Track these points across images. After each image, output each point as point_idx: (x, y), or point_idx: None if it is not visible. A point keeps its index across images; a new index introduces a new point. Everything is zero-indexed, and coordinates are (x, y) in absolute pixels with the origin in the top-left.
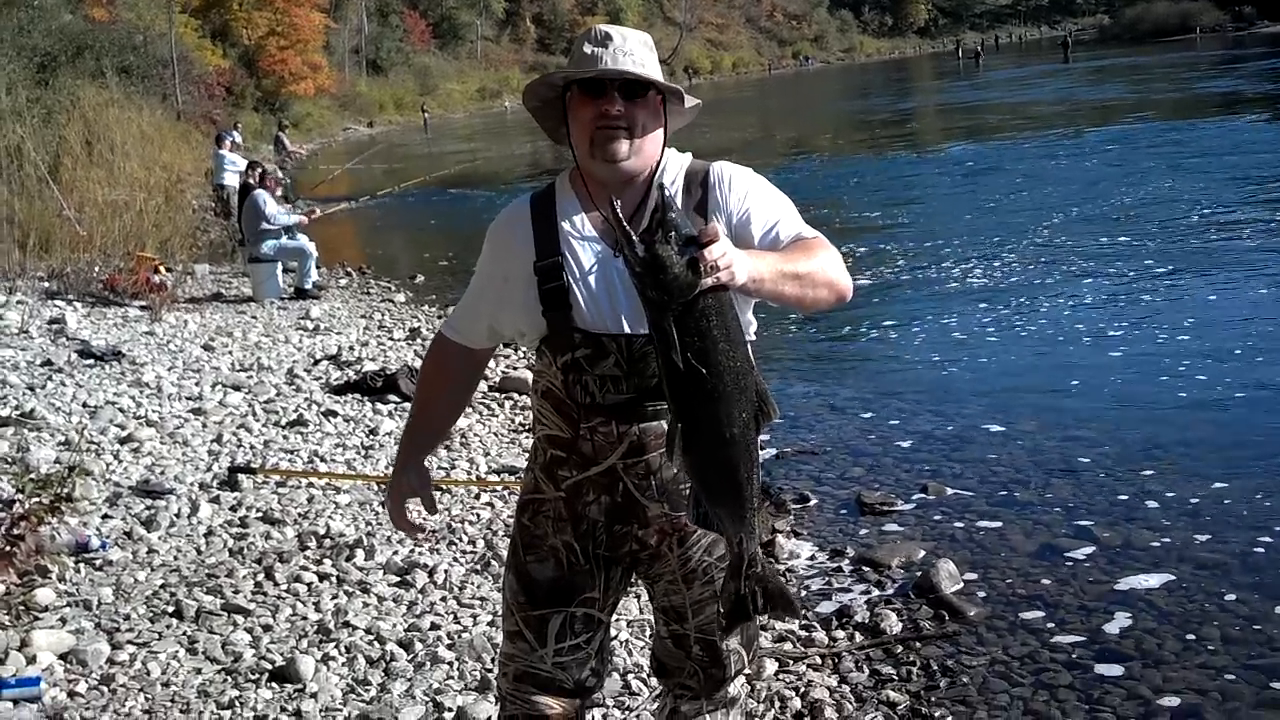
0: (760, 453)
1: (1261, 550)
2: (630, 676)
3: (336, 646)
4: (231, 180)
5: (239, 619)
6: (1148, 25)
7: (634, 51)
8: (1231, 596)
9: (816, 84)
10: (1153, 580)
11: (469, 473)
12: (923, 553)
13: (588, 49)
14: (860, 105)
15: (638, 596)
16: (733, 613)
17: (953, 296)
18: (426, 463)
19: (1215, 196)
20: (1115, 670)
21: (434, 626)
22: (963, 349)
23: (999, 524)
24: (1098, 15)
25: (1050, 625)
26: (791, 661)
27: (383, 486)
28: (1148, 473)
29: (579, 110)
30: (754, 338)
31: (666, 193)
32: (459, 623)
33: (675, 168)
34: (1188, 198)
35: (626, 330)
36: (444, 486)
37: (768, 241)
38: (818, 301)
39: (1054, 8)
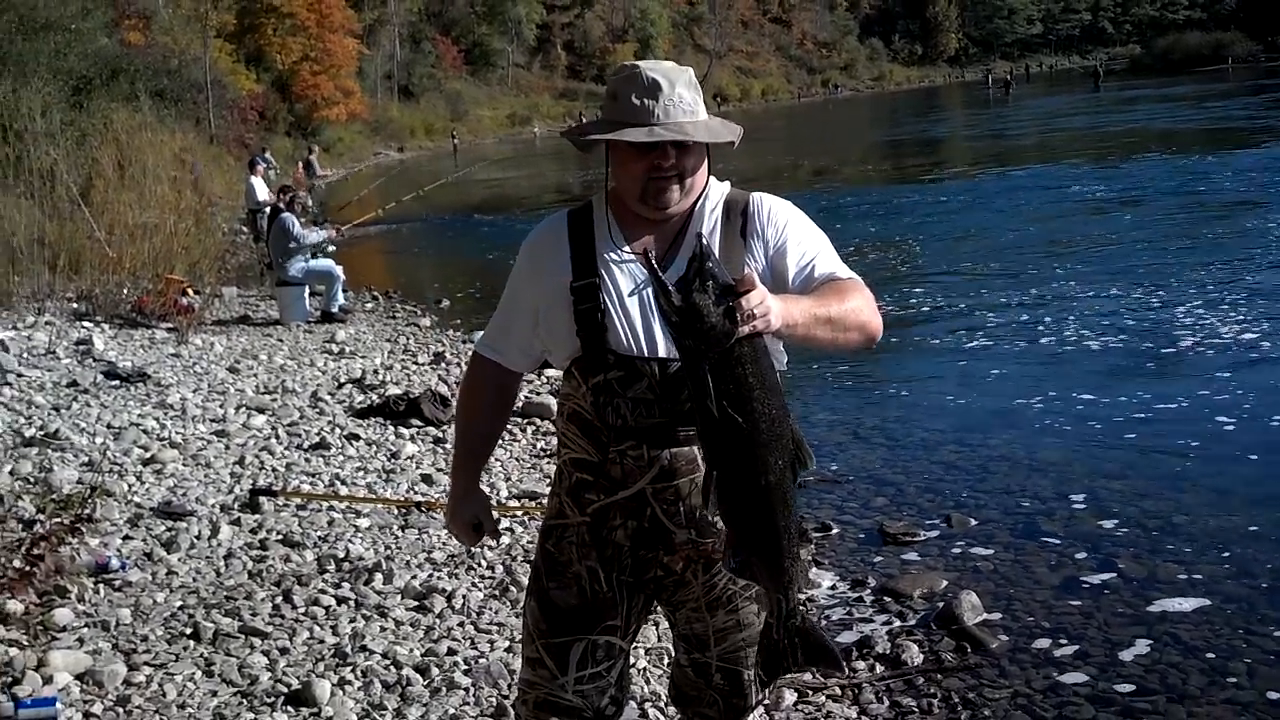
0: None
1: None
2: (647, 705)
3: (353, 670)
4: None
5: (256, 641)
6: (1180, 55)
7: (683, 98)
8: (1259, 631)
9: (846, 112)
10: (1178, 613)
11: (489, 497)
12: (945, 583)
13: (636, 99)
14: (890, 134)
15: (656, 624)
16: (768, 663)
17: (979, 326)
18: (482, 484)
19: (1254, 230)
20: (1140, 704)
21: (451, 652)
22: (987, 379)
23: (1022, 555)
24: (1129, 45)
25: (1073, 658)
26: (811, 692)
27: (402, 511)
28: (1173, 505)
29: (629, 161)
30: (784, 368)
31: (704, 242)
32: (476, 648)
33: (716, 196)
34: (1221, 231)
35: (661, 354)
36: None
37: (802, 275)
38: (848, 343)
39: (1085, 37)
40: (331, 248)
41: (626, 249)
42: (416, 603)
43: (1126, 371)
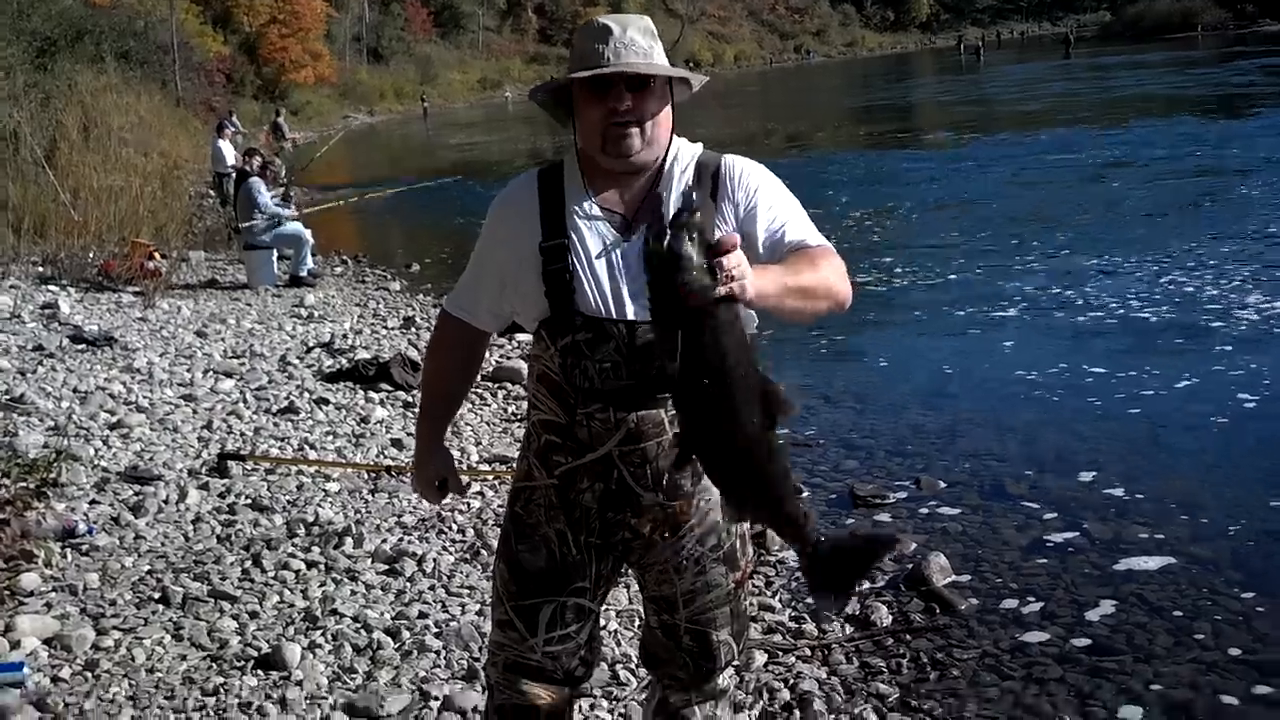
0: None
1: (1254, 546)
2: (619, 667)
3: (323, 634)
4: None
5: (225, 606)
6: (1150, 23)
7: (635, 41)
8: (1224, 592)
9: (818, 78)
10: (1145, 574)
11: (459, 462)
12: (914, 545)
13: (588, 45)
14: (865, 100)
15: (627, 586)
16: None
17: (949, 291)
18: (446, 443)
19: (1227, 198)
20: (1106, 664)
21: (422, 615)
22: (957, 343)
23: (991, 517)
24: (1100, 12)
25: (1041, 618)
26: (781, 653)
27: (372, 475)
28: (1141, 467)
29: (587, 108)
30: (754, 331)
31: (694, 197)
32: (447, 611)
33: (687, 156)
34: (1191, 197)
35: (630, 316)
36: None
37: (771, 240)
38: (817, 312)
39: (1056, 4)
40: (297, 222)
41: (595, 204)
42: (387, 566)
43: (1099, 338)
